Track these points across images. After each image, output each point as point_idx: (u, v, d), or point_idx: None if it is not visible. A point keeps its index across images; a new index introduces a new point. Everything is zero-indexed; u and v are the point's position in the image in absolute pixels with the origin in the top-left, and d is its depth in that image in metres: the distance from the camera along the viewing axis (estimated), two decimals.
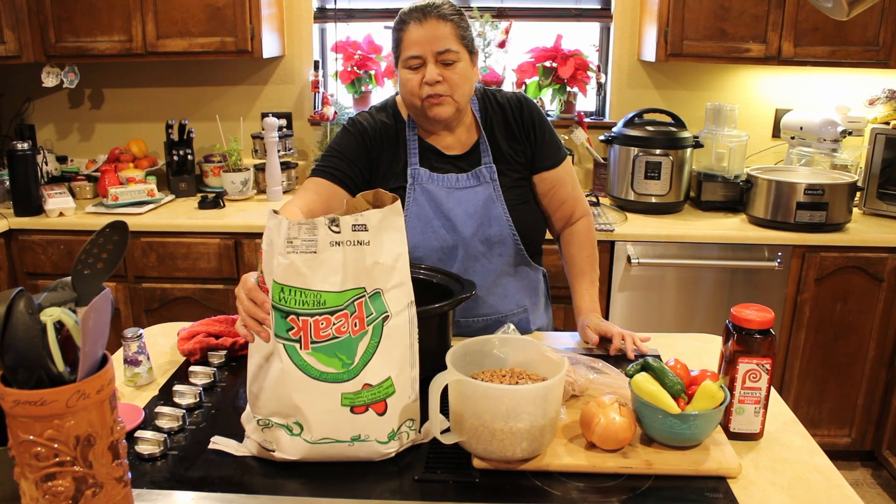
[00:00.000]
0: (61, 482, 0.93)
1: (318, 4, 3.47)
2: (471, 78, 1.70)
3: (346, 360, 1.19)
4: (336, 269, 1.18)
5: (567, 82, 3.28)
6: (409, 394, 1.25)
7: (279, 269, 1.17)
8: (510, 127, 1.80)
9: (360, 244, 1.19)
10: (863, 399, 2.96)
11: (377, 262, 1.20)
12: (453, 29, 1.65)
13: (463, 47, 1.67)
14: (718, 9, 2.93)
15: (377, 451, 1.23)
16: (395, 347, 1.22)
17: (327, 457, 1.23)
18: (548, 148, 1.82)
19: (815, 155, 3.10)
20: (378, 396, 1.21)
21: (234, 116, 3.45)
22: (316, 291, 1.17)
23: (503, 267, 1.80)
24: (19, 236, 2.97)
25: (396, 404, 1.23)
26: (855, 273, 2.80)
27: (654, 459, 1.21)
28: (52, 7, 3.04)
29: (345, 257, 1.18)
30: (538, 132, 1.81)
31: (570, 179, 1.87)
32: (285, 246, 1.17)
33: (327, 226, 1.16)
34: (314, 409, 1.19)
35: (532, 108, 1.82)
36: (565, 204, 1.87)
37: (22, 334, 0.91)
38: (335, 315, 1.18)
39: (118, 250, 1.07)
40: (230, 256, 2.92)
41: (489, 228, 1.75)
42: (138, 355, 1.51)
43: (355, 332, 1.19)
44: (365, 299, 1.20)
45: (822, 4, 1.22)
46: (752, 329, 1.28)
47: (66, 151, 3.60)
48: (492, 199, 1.76)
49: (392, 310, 1.22)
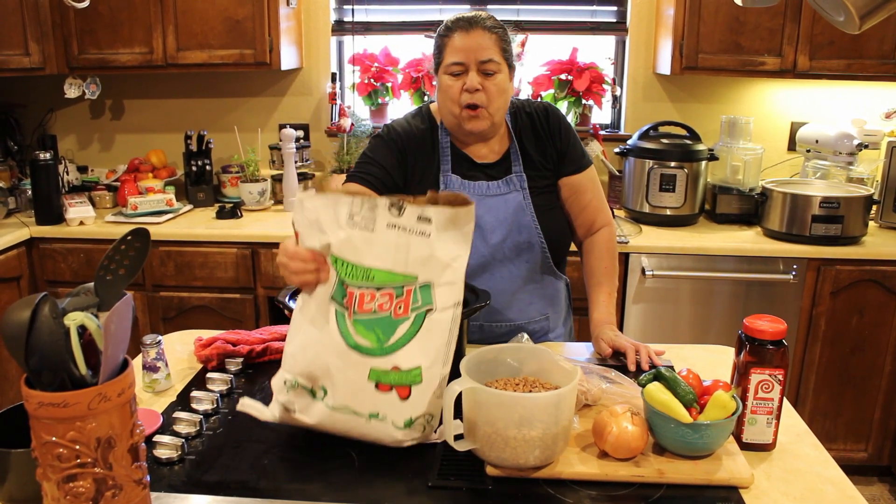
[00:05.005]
0: (82, 483, 0.95)
1: (336, 17, 3.51)
2: (508, 91, 1.74)
3: (383, 337, 1.24)
4: (389, 249, 1.24)
5: (582, 95, 3.30)
6: (436, 389, 1.26)
7: (337, 241, 1.25)
8: (538, 134, 1.83)
9: (421, 234, 1.25)
10: (879, 413, 2.93)
11: (433, 256, 1.25)
12: (497, 41, 1.69)
13: (504, 60, 1.71)
14: (734, 22, 2.94)
15: (391, 435, 1.25)
16: (432, 341, 1.25)
17: (343, 429, 1.26)
18: (572, 153, 1.84)
19: (831, 168, 3.09)
20: (404, 381, 1.24)
21: (252, 128, 3.49)
22: (366, 267, 1.25)
23: (529, 274, 1.82)
24: (40, 244, 3.02)
25: (421, 395, 1.25)
26: (871, 286, 2.79)
27: (667, 468, 1.22)
28: (76, 20, 3.10)
29: (401, 242, 1.24)
30: (563, 137, 1.83)
31: (592, 187, 1.88)
32: (347, 220, 1.25)
33: (387, 207, 1.23)
34: (342, 376, 1.24)
35: (557, 115, 1.86)
36: (586, 210, 1.88)
37: (46, 338, 0.94)
38: (381, 292, 1.25)
39: (140, 257, 1.10)
40: (247, 266, 2.95)
41: (518, 235, 1.78)
42: (157, 361, 1.53)
43: (398, 314, 1.24)
44: (415, 288, 1.25)
45: (834, 18, 1.23)
46: (765, 340, 1.29)
47: (87, 161, 3.65)
48: (521, 207, 1.78)
49: (438, 304, 1.26)
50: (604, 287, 1.88)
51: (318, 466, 1.25)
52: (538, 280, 1.85)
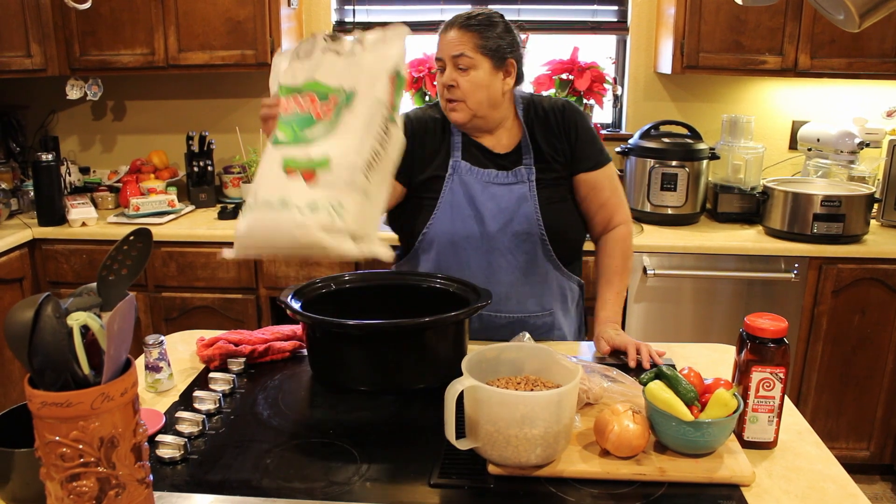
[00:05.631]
0: (85, 482, 0.95)
1: (337, 18, 3.51)
2: (489, 86, 1.76)
3: (297, 130, 1.33)
4: (320, 68, 1.37)
5: (584, 94, 3.30)
6: (346, 176, 1.28)
7: (282, 73, 1.41)
8: (551, 128, 1.85)
9: (351, 55, 1.37)
10: (881, 412, 2.93)
11: (361, 71, 1.35)
12: (473, 38, 1.74)
13: (483, 56, 1.74)
14: (734, 21, 2.94)
15: (295, 221, 1.25)
16: (347, 133, 1.30)
17: (263, 229, 1.31)
18: (587, 149, 1.85)
19: (833, 167, 3.09)
20: (311, 166, 1.29)
21: (254, 128, 3.50)
22: (299, 84, 1.38)
23: (529, 266, 1.83)
24: (43, 245, 3.02)
25: (327, 180, 1.28)
26: (873, 285, 2.79)
27: (668, 467, 1.22)
28: (78, 22, 3.10)
29: (333, 62, 1.37)
30: (578, 133, 1.85)
31: (609, 185, 1.88)
32: (291, 59, 1.40)
33: (324, 37, 1.39)
34: (262, 173, 1.35)
35: (574, 111, 1.87)
36: (603, 208, 1.89)
37: (49, 338, 0.94)
38: (303, 96, 1.36)
39: (142, 257, 1.10)
40: (249, 266, 2.96)
41: (518, 225, 1.80)
42: (159, 362, 1.54)
43: (318, 115, 1.34)
44: (340, 97, 1.34)
45: (834, 17, 1.23)
46: (766, 338, 1.29)
47: (89, 162, 3.66)
48: (525, 198, 1.81)
49: (357, 102, 1.32)
50: (613, 286, 1.88)
51: (320, 465, 1.26)
52: (540, 274, 1.85)
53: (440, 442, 1.28)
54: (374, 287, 1.75)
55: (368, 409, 1.46)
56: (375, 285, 1.75)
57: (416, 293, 1.72)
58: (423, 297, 1.70)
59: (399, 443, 1.34)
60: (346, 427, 1.39)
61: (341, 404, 1.48)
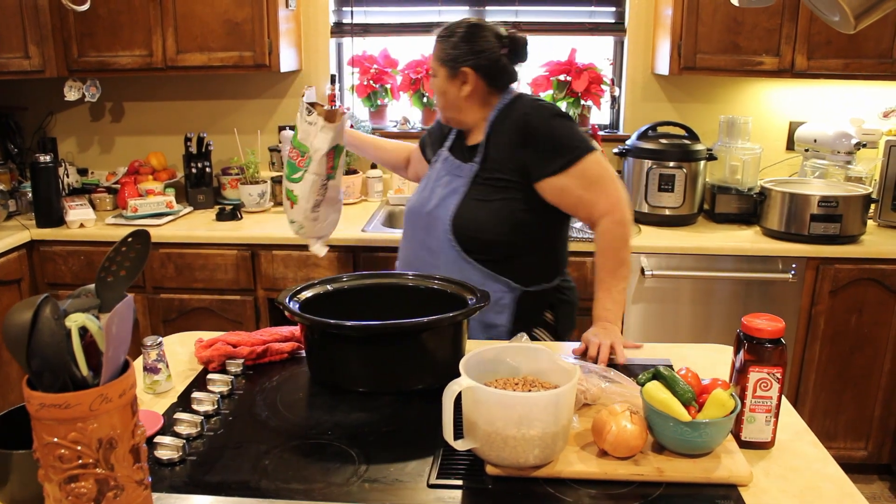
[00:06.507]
0: (84, 484, 0.96)
1: (335, 19, 3.51)
2: (446, 92, 1.97)
3: (289, 171, 2.16)
4: (301, 131, 2.12)
5: (581, 96, 3.31)
6: (303, 212, 2.15)
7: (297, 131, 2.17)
8: (509, 135, 1.92)
9: (313, 125, 2.09)
10: (879, 411, 2.94)
11: (315, 140, 2.10)
12: (437, 48, 1.98)
13: (439, 65, 1.96)
14: (731, 22, 2.95)
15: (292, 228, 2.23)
16: (305, 184, 2.12)
17: None
18: (545, 157, 1.87)
19: (830, 167, 3.10)
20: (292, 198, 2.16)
21: (252, 130, 3.50)
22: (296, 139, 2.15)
23: (434, 249, 1.95)
24: (41, 247, 3.02)
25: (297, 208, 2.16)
26: (870, 285, 2.80)
27: (666, 467, 1.22)
28: (76, 23, 3.10)
29: (307, 129, 2.09)
30: (537, 141, 1.88)
31: (581, 183, 1.87)
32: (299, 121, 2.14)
33: (304, 109, 2.09)
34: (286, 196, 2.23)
35: (537, 120, 1.89)
36: (578, 209, 1.91)
37: (48, 339, 0.94)
38: (295, 150, 2.14)
39: (140, 258, 1.10)
40: (247, 268, 2.96)
41: (439, 211, 1.94)
42: (157, 363, 1.54)
43: (300, 164, 2.13)
44: (308, 153, 2.11)
45: (829, 18, 1.23)
46: (763, 338, 1.29)
47: (87, 164, 3.66)
48: (455, 191, 1.94)
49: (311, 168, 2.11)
50: (603, 283, 1.89)
51: (318, 466, 1.26)
52: (445, 256, 1.92)
53: (438, 443, 1.29)
54: (372, 288, 1.75)
55: (367, 410, 1.46)
56: (373, 286, 1.76)
57: (413, 294, 1.73)
58: (421, 299, 1.70)
59: (397, 444, 1.34)
60: (344, 428, 1.39)
61: (339, 405, 1.48)
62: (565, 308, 2.04)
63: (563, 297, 2.04)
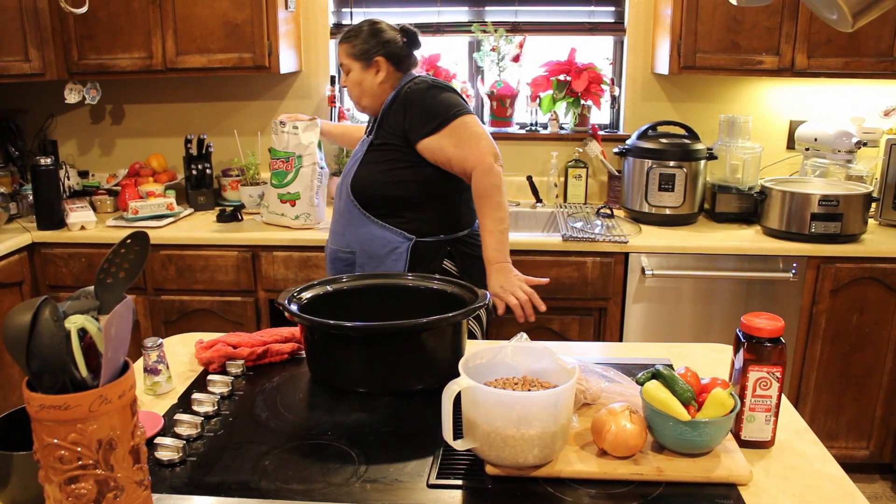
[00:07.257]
0: (84, 485, 0.96)
1: (335, 20, 3.52)
2: (362, 83, 2.22)
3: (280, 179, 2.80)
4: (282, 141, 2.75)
5: (581, 95, 3.31)
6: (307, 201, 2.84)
7: None
8: (398, 105, 2.17)
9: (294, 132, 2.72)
10: (881, 411, 2.94)
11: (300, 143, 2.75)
12: (345, 48, 2.23)
13: (353, 60, 2.21)
14: (731, 21, 2.95)
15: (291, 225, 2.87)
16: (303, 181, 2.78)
17: None
18: (417, 122, 2.12)
19: (830, 166, 3.09)
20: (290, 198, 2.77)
21: (252, 131, 3.50)
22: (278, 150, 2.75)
23: (345, 207, 2.22)
24: (42, 249, 3.03)
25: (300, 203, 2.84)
26: (871, 284, 2.79)
27: (665, 466, 1.22)
28: (76, 26, 3.11)
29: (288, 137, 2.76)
30: (410, 110, 2.14)
31: (450, 142, 2.10)
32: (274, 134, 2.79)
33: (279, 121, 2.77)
34: None
35: (414, 93, 2.15)
36: (452, 165, 2.11)
37: (47, 341, 0.94)
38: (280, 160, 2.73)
39: (139, 260, 1.11)
40: (248, 269, 2.96)
41: (344, 177, 2.25)
42: (158, 364, 1.54)
43: (288, 169, 2.74)
44: (296, 157, 2.75)
45: (827, 16, 1.23)
46: (763, 338, 1.29)
47: (88, 166, 3.66)
48: (356, 158, 2.25)
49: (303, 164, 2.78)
50: (486, 228, 2.07)
51: (318, 467, 1.26)
52: (351, 217, 2.20)
53: (438, 443, 1.29)
54: (371, 289, 1.76)
55: (366, 410, 1.46)
56: (373, 287, 1.76)
57: (413, 294, 1.73)
58: (421, 299, 1.71)
59: (397, 444, 1.34)
60: (344, 428, 1.39)
61: (339, 406, 1.48)
62: (465, 259, 2.22)
63: (465, 250, 2.23)
